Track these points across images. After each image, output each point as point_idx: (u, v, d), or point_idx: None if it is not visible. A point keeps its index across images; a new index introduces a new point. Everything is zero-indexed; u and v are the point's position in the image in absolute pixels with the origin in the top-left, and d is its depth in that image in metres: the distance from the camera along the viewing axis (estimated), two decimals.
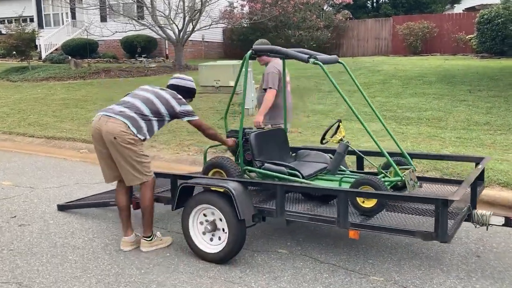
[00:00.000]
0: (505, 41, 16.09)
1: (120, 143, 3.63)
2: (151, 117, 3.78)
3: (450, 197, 2.80)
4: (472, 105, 8.81)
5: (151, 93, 3.90)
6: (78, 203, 4.80)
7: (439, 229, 2.82)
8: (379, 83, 11.27)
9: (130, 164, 3.70)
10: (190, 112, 3.91)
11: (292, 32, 21.85)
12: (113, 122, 3.66)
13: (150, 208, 3.84)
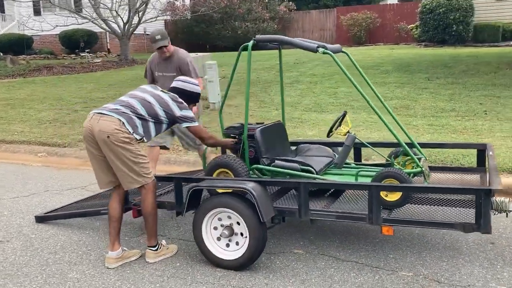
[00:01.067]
0: (447, 30, 16.74)
1: (114, 142, 3.31)
2: (147, 118, 3.47)
3: (494, 187, 2.73)
4: (435, 93, 9.02)
5: (150, 94, 3.58)
6: (61, 213, 4.35)
7: (482, 219, 2.75)
8: (339, 73, 11.30)
9: (126, 165, 3.37)
10: (190, 117, 3.61)
11: (238, 23, 21.62)
12: (106, 120, 3.35)
13: (154, 214, 3.53)
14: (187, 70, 4.89)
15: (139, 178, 3.42)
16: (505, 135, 6.45)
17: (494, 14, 17.24)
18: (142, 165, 3.43)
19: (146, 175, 3.45)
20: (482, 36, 16.82)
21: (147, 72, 5.19)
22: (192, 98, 3.77)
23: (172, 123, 3.63)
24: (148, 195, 3.49)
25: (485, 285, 3.05)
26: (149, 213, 3.51)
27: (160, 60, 4.98)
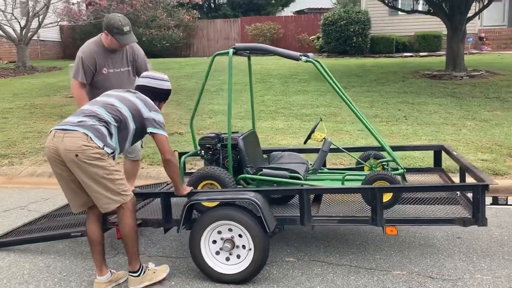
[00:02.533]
0: (347, 41, 17.86)
1: (84, 161, 2.92)
2: (114, 124, 3.08)
3: (490, 182, 2.98)
4: (355, 100, 9.55)
5: (114, 97, 3.21)
6: (21, 238, 3.86)
7: (479, 214, 2.98)
8: (259, 82, 11.51)
9: (101, 184, 3.00)
10: (158, 122, 3.17)
11: (143, 30, 21.01)
12: (70, 136, 2.96)
13: (133, 235, 3.17)
14: (143, 63, 4.18)
15: (116, 197, 3.06)
16: (430, 138, 7.05)
17: (388, 28, 18.77)
18: (118, 181, 3.07)
19: (124, 192, 3.10)
20: (379, 47, 18.20)
21: (85, 71, 3.88)
22: (162, 97, 3.39)
23: (142, 128, 3.19)
24: (126, 215, 3.13)
25: (472, 277, 3.30)
26: (128, 234, 3.15)
27: (107, 53, 3.92)
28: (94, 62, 3.88)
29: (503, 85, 10.20)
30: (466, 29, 11.50)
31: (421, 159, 5.91)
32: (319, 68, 3.72)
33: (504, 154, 6.30)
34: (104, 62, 3.93)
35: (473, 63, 12.89)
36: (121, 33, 3.76)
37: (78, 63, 3.88)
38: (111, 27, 3.75)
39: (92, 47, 3.89)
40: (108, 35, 3.77)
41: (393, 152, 3.76)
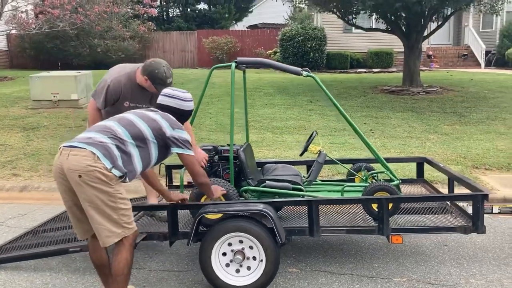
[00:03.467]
0: (305, 57, 18.28)
1: (88, 183, 2.66)
2: (130, 143, 2.82)
3: (489, 192, 3.18)
4: (322, 114, 9.81)
5: (132, 114, 2.99)
6: (14, 255, 3.68)
7: (479, 222, 3.17)
8: (224, 95, 11.56)
9: (102, 212, 2.71)
10: (183, 141, 2.94)
11: (98, 41, 20.55)
12: (76, 155, 2.69)
13: (127, 273, 2.85)
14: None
15: (118, 229, 2.76)
16: (399, 151, 7.35)
17: (343, 44, 19.40)
18: (122, 211, 2.78)
19: (127, 224, 2.80)
20: (334, 63, 18.76)
21: (107, 100, 3.70)
22: (182, 118, 3.13)
23: (164, 146, 2.96)
24: (123, 249, 2.81)
25: (467, 282, 3.49)
26: (121, 272, 2.82)
27: (136, 88, 3.74)
28: (119, 94, 3.72)
29: (458, 100, 10.81)
30: (422, 47, 12.12)
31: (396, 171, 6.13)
32: (319, 82, 3.83)
33: (469, 165, 6.68)
34: (129, 96, 3.77)
35: (425, 79, 13.55)
36: (163, 84, 3.55)
37: (102, 89, 3.71)
38: (154, 77, 3.56)
39: (122, 80, 3.70)
40: (148, 81, 3.59)
41: (388, 165, 3.92)
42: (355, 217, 3.71)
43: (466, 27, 20.09)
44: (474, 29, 19.79)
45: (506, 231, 4.53)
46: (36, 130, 8.36)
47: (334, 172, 6.26)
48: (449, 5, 10.16)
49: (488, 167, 6.65)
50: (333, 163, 4.53)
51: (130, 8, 21.08)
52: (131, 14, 21.69)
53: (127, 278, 2.88)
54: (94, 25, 20.54)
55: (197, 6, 29.88)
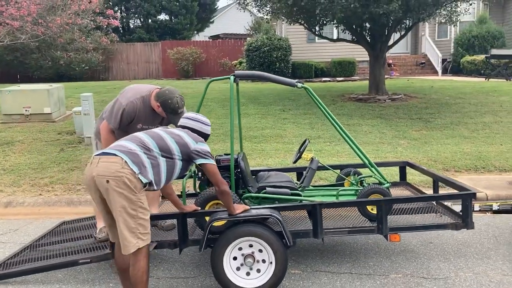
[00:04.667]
0: (271, 66, 18.61)
1: (114, 188, 2.80)
2: (158, 154, 3.02)
3: (476, 191, 3.48)
4: (296, 122, 10.09)
5: (159, 129, 3.23)
6: (23, 269, 3.69)
7: (468, 219, 3.47)
8: (209, 106, 11.69)
9: (123, 220, 2.84)
10: (206, 153, 3.15)
11: (60, 53, 20.20)
12: (105, 161, 2.87)
13: (146, 281, 2.98)
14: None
15: (133, 239, 2.86)
16: (374, 156, 7.69)
17: (307, 54, 19.88)
18: (140, 221, 2.90)
19: (141, 235, 2.91)
20: (299, 72, 19.18)
21: (121, 122, 3.80)
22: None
23: (187, 160, 3.18)
24: (139, 258, 2.94)
25: (457, 275, 3.79)
26: (139, 280, 2.95)
27: (150, 112, 3.85)
28: (134, 117, 3.81)
29: (422, 107, 11.35)
30: (386, 56, 12.65)
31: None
32: (312, 93, 4.06)
33: (440, 168, 7.09)
34: (143, 119, 3.88)
35: (389, 87, 14.10)
36: (174, 114, 3.70)
37: (117, 111, 3.78)
38: (167, 106, 3.68)
39: (138, 104, 3.79)
40: (160, 108, 3.71)
41: (378, 169, 4.18)
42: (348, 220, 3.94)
43: (423, 36, 21.00)
44: (431, 38, 20.72)
45: (482, 228, 4.88)
46: (11, 145, 8.22)
47: (316, 179, 6.50)
48: (412, 17, 10.69)
49: (457, 169, 7.09)
50: (324, 169, 4.76)
51: (92, 19, 20.86)
52: (93, 25, 21.45)
53: (147, 285, 3.01)
54: (56, 37, 20.21)
55: (158, 17, 29.78)
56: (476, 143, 8.45)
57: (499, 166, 7.18)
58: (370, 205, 3.71)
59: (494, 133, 9.10)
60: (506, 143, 8.36)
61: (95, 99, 12.01)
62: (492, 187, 6.37)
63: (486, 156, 7.60)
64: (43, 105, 9.64)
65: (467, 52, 19.48)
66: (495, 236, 4.63)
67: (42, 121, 9.68)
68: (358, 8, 9.36)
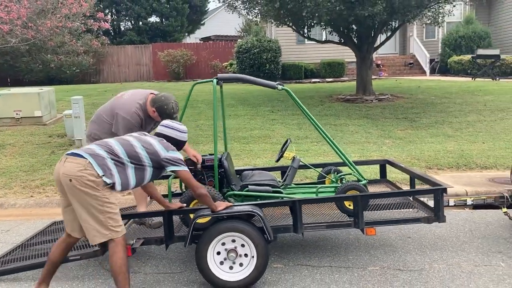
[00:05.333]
0: (261, 68, 18.79)
1: (77, 186, 2.99)
2: (126, 161, 3.17)
3: (447, 186, 3.67)
4: (284, 123, 10.26)
5: (132, 136, 3.37)
6: (13, 267, 3.83)
7: (440, 212, 3.65)
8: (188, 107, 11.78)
9: (91, 214, 3.04)
10: (177, 160, 3.28)
11: (51, 56, 20.26)
12: (71, 162, 3.06)
13: (125, 271, 3.13)
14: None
15: (105, 231, 3.06)
16: (359, 155, 7.88)
17: (297, 55, 20.09)
18: (109, 215, 3.08)
19: (113, 228, 3.10)
20: (289, 74, 19.38)
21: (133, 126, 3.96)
22: (177, 146, 3.50)
23: (158, 168, 3.32)
24: (116, 250, 3.10)
25: (431, 266, 3.97)
26: (119, 271, 3.10)
27: (146, 117, 4.05)
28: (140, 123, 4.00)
29: (408, 106, 11.57)
30: (373, 58, 12.87)
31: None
32: (292, 95, 4.22)
33: (423, 166, 7.29)
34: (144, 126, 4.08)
35: (377, 87, 14.33)
36: (169, 118, 3.87)
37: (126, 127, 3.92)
38: (162, 112, 3.89)
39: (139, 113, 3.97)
40: (156, 113, 3.92)
41: (356, 167, 4.36)
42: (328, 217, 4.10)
43: (411, 37, 21.29)
44: (419, 39, 21.01)
45: (459, 223, 5.08)
46: (2, 148, 8.33)
47: (302, 177, 6.68)
48: (397, 18, 10.91)
49: (440, 167, 7.29)
50: (306, 167, 4.93)
51: (82, 22, 20.95)
52: (83, 28, 21.55)
53: (127, 276, 3.17)
54: (47, 40, 20.29)
55: (149, 19, 29.89)
56: (459, 141, 8.67)
57: (481, 164, 7.39)
58: (346, 201, 3.88)
59: (477, 131, 9.33)
60: (488, 141, 8.58)
61: (86, 102, 12.13)
62: (472, 184, 6.58)
63: (468, 154, 7.81)
64: (34, 108, 9.74)
65: (454, 52, 19.78)
66: (471, 230, 4.83)
67: (33, 124, 9.79)
68: (343, 10, 9.56)
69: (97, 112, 4.29)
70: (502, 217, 5.15)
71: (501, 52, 17.85)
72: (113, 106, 4.10)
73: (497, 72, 17.76)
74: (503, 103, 11.50)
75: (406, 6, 9.98)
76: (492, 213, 5.42)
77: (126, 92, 4.25)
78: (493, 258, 4.10)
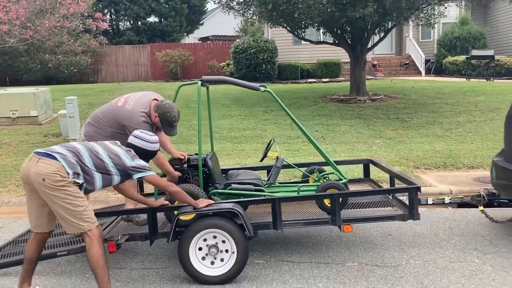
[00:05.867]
0: (257, 68, 18.94)
1: (49, 185, 3.17)
2: (93, 170, 3.36)
3: (421, 185, 3.81)
4: (277, 123, 10.40)
5: (100, 146, 3.51)
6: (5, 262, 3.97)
7: (414, 210, 3.79)
8: (183, 107, 11.95)
9: (65, 209, 3.23)
10: (142, 167, 3.46)
11: (49, 56, 20.40)
12: (44, 163, 3.23)
13: (103, 263, 3.27)
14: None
15: (81, 223, 3.26)
16: (348, 155, 8.02)
17: (293, 56, 20.23)
18: (81, 208, 3.26)
19: (88, 219, 3.29)
20: (286, 74, 19.52)
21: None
22: (148, 156, 3.66)
23: (126, 175, 3.49)
24: (93, 243, 3.27)
25: (407, 263, 4.10)
26: (97, 262, 3.26)
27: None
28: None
29: (400, 107, 11.70)
30: (366, 58, 13.01)
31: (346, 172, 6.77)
32: (275, 96, 4.36)
33: (411, 166, 7.43)
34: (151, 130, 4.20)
35: (371, 88, 14.47)
36: (169, 126, 4.14)
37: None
38: (164, 118, 4.09)
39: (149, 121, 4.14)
40: (157, 118, 4.10)
41: (337, 166, 4.49)
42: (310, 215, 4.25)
43: (407, 37, 21.43)
44: (414, 40, 21.15)
45: (440, 221, 5.22)
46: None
47: (290, 176, 6.81)
48: (389, 20, 11.04)
49: (427, 167, 7.43)
50: (290, 167, 5.06)
51: (81, 22, 21.08)
52: (82, 28, 21.67)
53: (106, 269, 3.29)
54: (45, 40, 20.40)
55: (148, 19, 29.98)
56: (448, 141, 8.81)
57: (468, 164, 7.53)
58: (325, 199, 4.01)
59: (467, 132, 9.47)
60: (477, 142, 8.72)
61: (82, 102, 12.29)
62: (458, 183, 6.72)
63: (456, 154, 7.95)
64: (30, 108, 9.88)
65: (449, 53, 19.92)
66: (450, 228, 4.96)
67: (29, 124, 9.93)
68: (335, 12, 9.70)
69: (93, 114, 4.39)
70: (483, 215, 5.28)
71: (496, 53, 18.00)
72: (117, 116, 4.17)
73: (492, 73, 17.90)
74: (494, 104, 11.64)
75: (397, 8, 10.11)
76: (474, 211, 5.54)
77: (125, 98, 4.32)
78: (468, 254, 4.24)
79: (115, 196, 6.18)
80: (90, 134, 4.28)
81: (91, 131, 4.29)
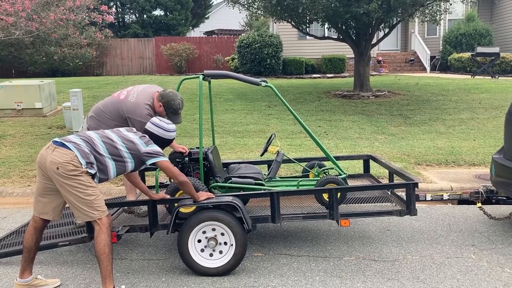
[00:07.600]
0: (262, 63, 18.95)
1: (62, 174, 3.26)
2: (107, 157, 3.43)
3: (418, 181, 3.84)
4: (280, 118, 10.43)
5: (113, 132, 3.58)
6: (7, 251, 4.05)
7: (412, 206, 3.83)
8: (187, 101, 12.00)
9: (77, 198, 3.31)
10: (157, 152, 3.51)
11: (54, 49, 20.48)
12: (60, 152, 3.31)
13: (108, 252, 3.32)
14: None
15: (92, 211, 3.34)
16: (350, 150, 8.05)
17: (298, 51, 20.20)
18: (92, 197, 3.34)
19: (99, 208, 3.37)
20: (290, 69, 19.51)
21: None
22: (164, 144, 3.73)
23: (139, 162, 3.55)
24: (101, 232, 3.34)
25: (404, 258, 4.14)
26: (103, 250, 3.31)
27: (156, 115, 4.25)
28: None
29: (404, 103, 11.70)
30: (370, 54, 13.00)
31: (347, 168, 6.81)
32: (276, 91, 4.39)
33: (412, 162, 7.45)
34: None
35: (375, 84, 14.48)
36: (174, 114, 4.18)
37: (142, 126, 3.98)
38: (169, 107, 4.14)
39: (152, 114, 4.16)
40: (162, 107, 4.15)
41: (336, 161, 4.53)
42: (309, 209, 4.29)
43: (413, 34, 21.35)
44: (420, 36, 21.08)
45: (440, 217, 5.25)
46: (2, 139, 8.55)
47: (292, 171, 6.86)
48: (394, 16, 11.02)
49: (429, 163, 7.45)
50: (290, 162, 5.10)
51: (86, 15, 21.14)
52: (87, 21, 21.73)
53: (110, 257, 3.34)
54: (50, 33, 20.46)
55: (154, 13, 30.01)
56: (450, 138, 8.82)
57: (469, 161, 7.54)
58: (323, 193, 4.05)
59: (469, 129, 9.48)
60: (479, 139, 8.73)
61: (86, 94, 12.36)
62: (459, 180, 6.74)
63: (458, 151, 7.97)
64: (35, 100, 9.96)
65: (455, 49, 19.85)
66: (449, 225, 5.00)
67: (34, 116, 10.01)
68: (339, 7, 9.69)
69: (95, 107, 4.43)
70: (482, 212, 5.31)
71: (502, 50, 17.93)
72: (120, 109, 4.21)
73: (497, 70, 17.83)
74: (497, 101, 11.62)
75: (401, 4, 10.10)
76: (473, 208, 5.57)
77: (127, 91, 4.36)
78: (465, 250, 4.28)
79: (117, 188, 6.25)
80: (93, 127, 4.33)
81: (94, 124, 4.33)
